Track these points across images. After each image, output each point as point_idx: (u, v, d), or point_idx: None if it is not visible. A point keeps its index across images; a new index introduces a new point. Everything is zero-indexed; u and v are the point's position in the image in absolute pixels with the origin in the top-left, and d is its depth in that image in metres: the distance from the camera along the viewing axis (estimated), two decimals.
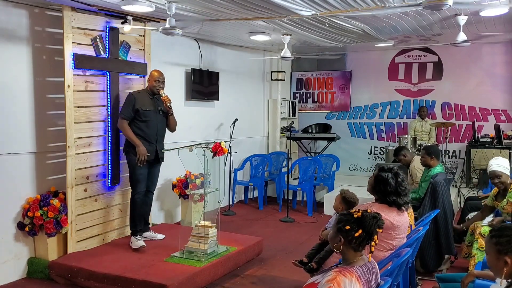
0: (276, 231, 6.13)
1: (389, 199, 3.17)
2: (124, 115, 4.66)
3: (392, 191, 3.17)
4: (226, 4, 4.43)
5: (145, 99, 4.73)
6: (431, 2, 3.92)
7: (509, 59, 8.01)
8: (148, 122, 4.71)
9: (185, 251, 4.43)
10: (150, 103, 4.75)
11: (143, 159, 4.61)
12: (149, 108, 4.71)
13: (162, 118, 4.85)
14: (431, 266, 4.40)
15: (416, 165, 5.58)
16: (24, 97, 4.38)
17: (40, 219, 4.25)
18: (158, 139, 4.80)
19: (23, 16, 4.33)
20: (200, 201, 5.69)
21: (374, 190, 3.27)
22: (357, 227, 2.21)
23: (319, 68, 9.71)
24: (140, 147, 4.60)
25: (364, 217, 2.24)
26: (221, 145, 4.31)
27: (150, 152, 4.70)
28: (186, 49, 6.65)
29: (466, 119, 8.40)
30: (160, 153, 4.83)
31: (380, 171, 3.29)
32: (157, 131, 4.78)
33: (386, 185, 3.18)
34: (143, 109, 4.67)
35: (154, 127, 4.75)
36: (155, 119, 4.76)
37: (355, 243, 2.21)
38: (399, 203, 3.18)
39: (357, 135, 9.41)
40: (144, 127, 4.70)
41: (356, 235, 2.20)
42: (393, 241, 3.15)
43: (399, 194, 3.18)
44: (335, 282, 2.07)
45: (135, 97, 4.68)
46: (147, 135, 4.71)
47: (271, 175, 8.08)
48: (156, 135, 4.77)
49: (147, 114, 4.70)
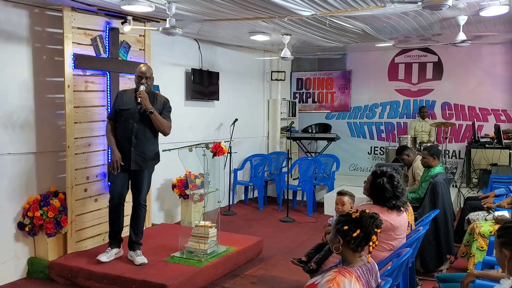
0: (276, 231, 6.12)
1: (389, 204, 3.15)
2: (108, 115, 4.39)
3: (391, 196, 3.16)
4: (226, 4, 4.43)
5: (127, 97, 4.22)
6: (431, 2, 3.93)
7: (509, 59, 8.01)
8: (124, 122, 4.17)
9: (185, 251, 4.42)
10: (130, 101, 4.18)
11: (115, 166, 4.12)
12: (126, 106, 4.16)
13: (146, 118, 4.14)
14: (431, 266, 4.40)
15: (419, 165, 5.59)
16: (24, 97, 4.38)
17: (40, 219, 4.25)
18: (135, 142, 4.15)
19: (23, 16, 4.33)
20: (200, 201, 5.68)
21: (372, 196, 3.26)
22: (355, 227, 2.22)
23: (319, 68, 9.71)
24: (114, 152, 4.16)
25: (362, 217, 2.25)
26: (221, 145, 4.30)
27: (124, 158, 4.15)
28: (186, 49, 6.65)
29: (466, 119, 8.40)
30: (139, 159, 4.19)
31: (375, 177, 3.25)
32: (133, 134, 4.14)
33: (384, 191, 3.16)
34: (120, 108, 4.18)
35: (130, 129, 4.15)
36: (132, 120, 4.15)
37: (354, 243, 2.22)
38: (398, 206, 3.17)
39: (357, 135, 9.41)
40: (120, 128, 4.20)
41: (354, 235, 2.20)
42: (393, 241, 3.15)
43: (398, 197, 3.17)
44: (334, 282, 2.07)
45: (118, 95, 4.28)
46: (121, 137, 4.19)
47: (271, 175, 8.08)
48: (132, 137, 4.14)
49: (124, 114, 4.17)
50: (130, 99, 4.20)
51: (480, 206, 4.77)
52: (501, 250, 2.13)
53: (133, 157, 4.18)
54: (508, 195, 4.77)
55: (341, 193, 3.88)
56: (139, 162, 4.22)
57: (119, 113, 4.19)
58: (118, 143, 4.20)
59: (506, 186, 5.01)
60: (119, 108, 4.18)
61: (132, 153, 4.16)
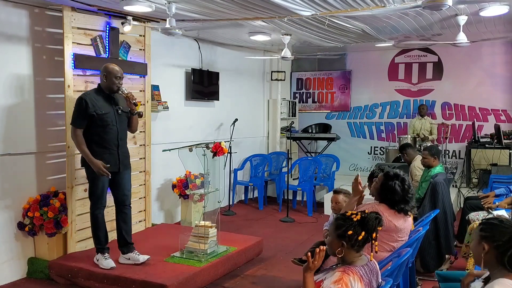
0: (276, 231, 6.12)
1: (397, 208, 3.10)
2: (76, 124, 4.00)
3: (400, 199, 3.10)
4: (226, 4, 4.43)
5: (99, 101, 4.05)
6: (431, 2, 3.93)
7: (509, 59, 8.01)
8: (106, 126, 4.05)
9: (185, 251, 4.42)
10: (106, 104, 4.08)
11: (103, 172, 3.98)
12: (106, 110, 4.05)
13: (123, 119, 4.19)
14: (431, 266, 4.40)
15: (417, 164, 5.61)
16: (24, 97, 4.38)
17: (40, 219, 4.25)
18: (120, 144, 4.16)
19: (23, 16, 4.33)
20: (200, 201, 5.68)
21: (380, 197, 3.19)
22: (360, 230, 2.20)
23: (319, 68, 9.71)
24: (93, 162, 3.95)
25: (367, 219, 2.22)
26: (221, 145, 4.31)
27: (112, 161, 4.09)
28: (186, 49, 6.65)
29: (466, 119, 8.40)
30: (124, 159, 4.24)
31: (387, 178, 3.15)
32: (118, 135, 4.13)
33: (393, 194, 3.09)
34: (99, 112, 4.01)
35: (114, 132, 4.10)
36: (115, 122, 4.10)
37: (358, 245, 2.21)
38: (406, 210, 3.12)
39: (357, 135, 9.41)
40: (102, 133, 4.05)
41: (359, 238, 2.19)
42: (394, 243, 3.13)
43: (407, 202, 3.11)
44: (342, 282, 2.08)
45: (87, 101, 3.98)
46: (107, 141, 4.08)
47: (271, 175, 8.08)
48: (117, 140, 4.13)
49: (105, 118, 4.04)
50: (103, 102, 4.07)
51: (480, 206, 4.77)
52: (480, 243, 2.12)
53: (121, 159, 4.19)
54: (508, 195, 4.77)
55: (336, 191, 3.92)
56: (125, 162, 4.27)
57: (98, 118, 4.01)
58: (101, 148, 4.06)
59: (506, 186, 5.01)
60: (97, 112, 4.00)
61: (120, 155, 4.18)
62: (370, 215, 2.25)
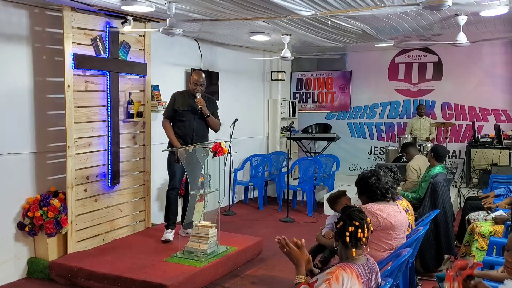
0: (276, 231, 6.12)
1: (387, 199, 3.22)
2: (165, 114, 4.95)
3: (385, 191, 3.22)
4: (226, 4, 4.44)
5: (184, 100, 4.91)
6: (431, 2, 3.93)
7: (509, 59, 8.01)
8: (184, 122, 4.89)
9: (185, 251, 4.43)
10: (188, 103, 4.88)
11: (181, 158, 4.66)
12: (186, 108, 4.86)
13: (201, 118, 4.93)
14: (431, 266, 4.40)
15: (412, 164, 5.63)
16: (24, 97, 4.38)
17: (40, 219, 4.25)
18: (194, 139, 4.87)
19: (23, 16, 4.33)
20: (200, 201, 5.68)
21: (368, 199, 3.29)
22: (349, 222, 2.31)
23: (319, 68, 9.71)
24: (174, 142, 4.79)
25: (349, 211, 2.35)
26: (221, 145, 4.31)
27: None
28: (186, 49, 6.65)
29: (466, 119, 8.40)
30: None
31: (358, 184, 3.42)
32: (193, 131, 4.90)
33: (377, 189, 3.22)
34: (180, 109, 4.86)
35: (190, 127, 4.89)
36: (192, 119, 4.89)
37: (351, 239, 2.28)
38: (394, 198, 3.26)
39: (357, 135, 9.41)
40: (181, 126, 4.90)
41: (350, 229, 2.28)
42: (393, 241, 3.15)
43: (390, 189, 3.24)
44: (333, 275, 2.13)
45: (175, 97, 4.93)
46: (183, 134, 4.89)
47: (271, 175, 8.08)
48: (192, 135, 4.89)
49: (184, 114, 4.87)
50: (187, 101, 4.89)
51: (480, 206, 4.78)
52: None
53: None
54: (508, 195, 4.78)
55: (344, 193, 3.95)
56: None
57: (179, 113, 4.87)
58: (178, 138, 4.85)
59: (506, 186, 5.02)
60: (179, 109, 4.86)
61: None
62: (350, 208, 2.38)
